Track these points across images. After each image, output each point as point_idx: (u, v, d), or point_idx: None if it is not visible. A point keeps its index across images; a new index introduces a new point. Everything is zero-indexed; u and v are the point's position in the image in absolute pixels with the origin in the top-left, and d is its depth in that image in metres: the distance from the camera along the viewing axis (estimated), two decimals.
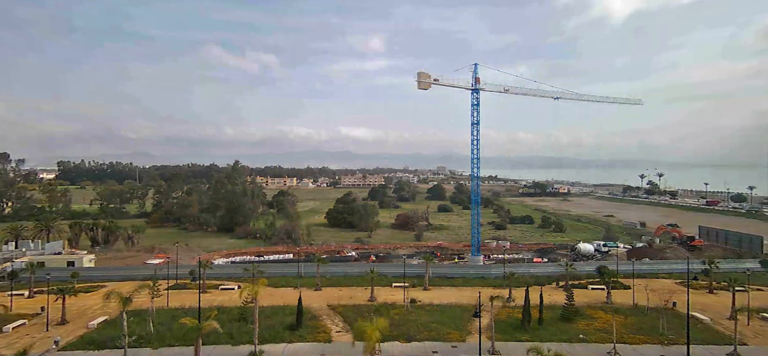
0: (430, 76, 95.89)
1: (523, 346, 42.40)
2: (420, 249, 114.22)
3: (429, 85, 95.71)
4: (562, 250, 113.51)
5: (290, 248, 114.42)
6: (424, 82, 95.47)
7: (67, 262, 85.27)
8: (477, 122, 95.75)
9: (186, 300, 60.68)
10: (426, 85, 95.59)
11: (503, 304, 53.55)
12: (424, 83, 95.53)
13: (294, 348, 44.73)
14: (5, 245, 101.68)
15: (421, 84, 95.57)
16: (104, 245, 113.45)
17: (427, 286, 68.17)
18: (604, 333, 47.19)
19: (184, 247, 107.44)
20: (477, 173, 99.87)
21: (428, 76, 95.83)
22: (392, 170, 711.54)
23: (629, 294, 61.52)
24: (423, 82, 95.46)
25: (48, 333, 48.92)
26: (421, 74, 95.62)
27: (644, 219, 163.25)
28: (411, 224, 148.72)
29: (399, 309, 56.06)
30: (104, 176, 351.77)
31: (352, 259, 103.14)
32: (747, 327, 49.34)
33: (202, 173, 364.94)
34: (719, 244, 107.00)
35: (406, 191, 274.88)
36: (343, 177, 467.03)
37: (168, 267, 70.27)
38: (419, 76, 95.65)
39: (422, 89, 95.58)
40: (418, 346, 45.05)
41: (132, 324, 47.10)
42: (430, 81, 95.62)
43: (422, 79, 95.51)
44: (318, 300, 60.88)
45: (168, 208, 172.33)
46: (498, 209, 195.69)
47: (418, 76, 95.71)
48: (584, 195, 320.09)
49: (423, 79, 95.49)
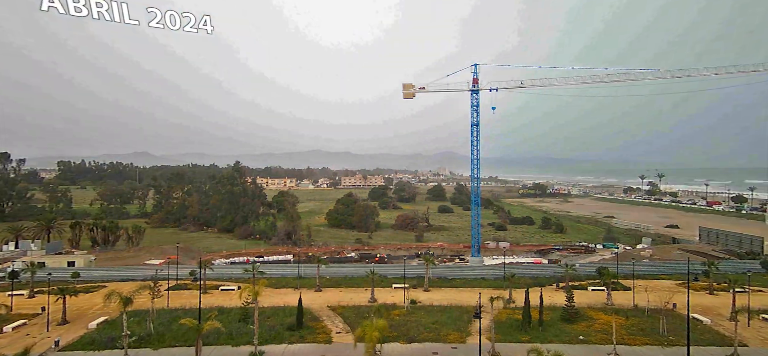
0: (414, 86, 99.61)
1: (524, 347, 42.38)
2: (420, 250, 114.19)
3: (413, 94, 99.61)
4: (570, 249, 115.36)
5: (291, 249, 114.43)
6: (407, 92, 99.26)
7: (68, 262, 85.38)
8: (476, 123, 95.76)
9: (186, 300, 60.73)
10: (410, 95, 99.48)
11: (504, 305, 53.64)
12: (407, 93, 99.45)
13: (294, 348, 44.76)
14: (6, 245, 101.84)
15: (405, 94, 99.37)
16: (105, 245, 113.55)
17: (427, 287, 68.23)
18: (604, 334, 47.20)
19: (184, 248, 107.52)
20: (477, 174, 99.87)
21: (412, 86, 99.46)
22: (392, 170, 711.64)
23: (629, 295, 61.53)
24: (406, 92, 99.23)
25: (48, 333, 48.99)
26: (405, 85, 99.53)
27: (645, 220, 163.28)
28: (411, 224, 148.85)
29: (399, 310, 56.12)
30: (105, 176, 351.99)
31: (353, 260, 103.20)
32: (747, 328, 49.36)
33: (202, 173, 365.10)
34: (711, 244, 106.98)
35: (406, 192, 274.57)
36: (344, 178, 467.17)
37: (168, 268, 70.36)
38: (404, 87, 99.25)
39: (407, 98, 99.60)
40: (419, 347, 45.07)
41: (132, 325, 47.21)
42: (415, 90, 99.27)
43: (406, 90, 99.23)
44: (318, 300, 60.92)
45: (168, 208, 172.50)
46: (498, 210, 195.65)
47: (403, 87, 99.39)
48: (585, 196, 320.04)
49: (406, 89, 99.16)
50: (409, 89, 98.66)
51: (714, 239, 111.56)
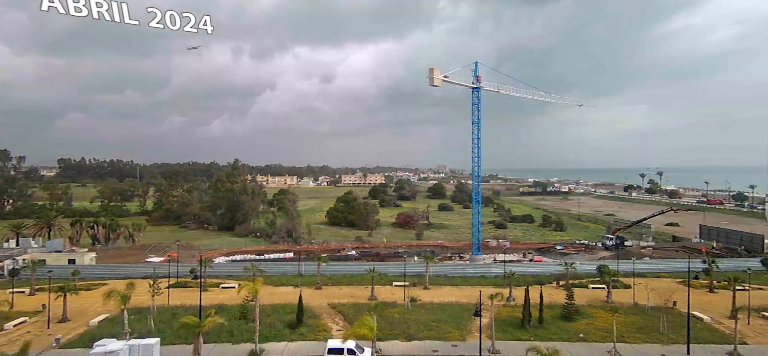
0: (441, 73, 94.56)
1: (524, 345, 42.40)
2: (421, 248, 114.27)
3: (441, 81, 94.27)
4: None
5: (291, 246, 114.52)
6: (436, 78, 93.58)
7: (68, 260, 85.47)
8: (478, 121, 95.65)
9: (187, 298, 60.78)
10: (438, 81, 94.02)
11: (504, 303, 53.67)
12: (436, 79, 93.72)
13: (294, 346, 44.81)
14: (6, 242, 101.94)
15: (433, 80, 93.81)
16: (105, 243, 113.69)
17: (427, 285, 68.29)
18: (605, 332, 47.18)
19: (184, 245, 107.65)
20: (478, 171, 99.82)
21: (440, 72, 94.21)
22: (393, 168, 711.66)
23: (629, 293, 61.57)
24: (435, 78, 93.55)
25: (49, 330, 49.04)
26: (433, 70, 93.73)
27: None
28: (411, 223, 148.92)
29: (399, 308, 56.18)
30: (105, 173, 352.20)
31: (353, 258, 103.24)
32: (748, 327, 49.39)
33: (202, 171, 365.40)
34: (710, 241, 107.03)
35: (406, 190, 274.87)
36: (344, 176, 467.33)
37: (169, 265, 70.45)
38: (431, 72, 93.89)
39: (434, 85, 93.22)
40: (419, 345, 45.09)
41: (133, 322, 47.27)
42: (442, 77, 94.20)
43: (435, 76, 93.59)
44: (318, 298, 60.99)
45: (169, 206, 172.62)
46: (498, 208, 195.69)
47: (431, 72, 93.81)
48: (585, 194, 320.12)
49: (435, 75, 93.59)
50: (437, 75, 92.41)
51: (714, 236, 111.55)
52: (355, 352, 39.76)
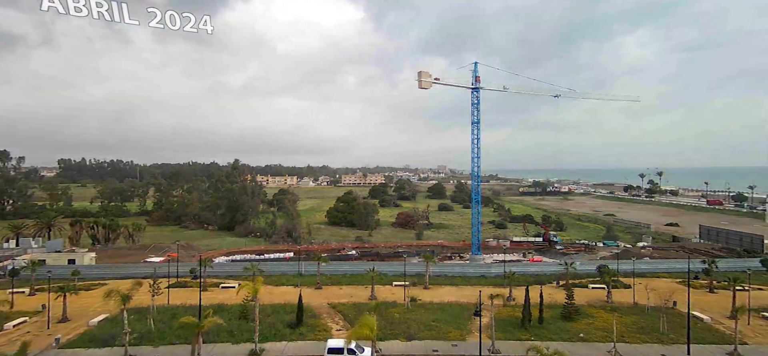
0: (430, 75, 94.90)
1: (524, 345, 42.42)
2: (421, 248, 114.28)
3: (430, 84, 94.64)
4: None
5: (291, 246, 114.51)
6: (425, 81, 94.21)
7: (68, 260, 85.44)
8: (477, 121, 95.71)
9: (187, 298, 60.75)
10: (427, 84, 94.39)
11: (504, 303, 53.66)
12: (425, 82, 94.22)
13: (294, 346, 44.80)
14: (6, 242, 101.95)
15: (421, 83, 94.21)
16: (105, 243, 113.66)
17: (427, 285, 68.27)
18: (605, 332, 47.20)
19: (184, 245, 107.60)
20: (477, 171, 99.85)
21: (429, 75, 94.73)
22: (393, 168, 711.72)
23: (629, 293, 61.56)
24: (424, 81, 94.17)
25: (49, 330, 49.02)
26: (421, 73, 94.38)
27: (645, 219, 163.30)
28: (411, 222, 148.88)
29: (399, 307, 56.18)
30: (105, 174, 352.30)
31: (353, 258, 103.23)
32: (747, 327, 49.39)
33: (202, 171, 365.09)
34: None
35: (406, 190, 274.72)
36: (344, 176, 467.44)
37: (169, 265, 70.43)
38: (420, 75, 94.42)
39: (423, 88, 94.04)
40: (419, 345, 45.07)
41: (133, 322, 47.22)
42: (431, 80, 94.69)
43: (423, 79, 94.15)
44: (318, 298, 60.96)
45: (168, 206, 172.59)
46: (498, 208, 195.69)
47: (419, 75, 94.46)
48: (585, 194, 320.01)
49: (424, 78, 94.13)
50: (425, 79, 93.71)
51: (714, 237, 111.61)
52: (355, 352, 39.76)
